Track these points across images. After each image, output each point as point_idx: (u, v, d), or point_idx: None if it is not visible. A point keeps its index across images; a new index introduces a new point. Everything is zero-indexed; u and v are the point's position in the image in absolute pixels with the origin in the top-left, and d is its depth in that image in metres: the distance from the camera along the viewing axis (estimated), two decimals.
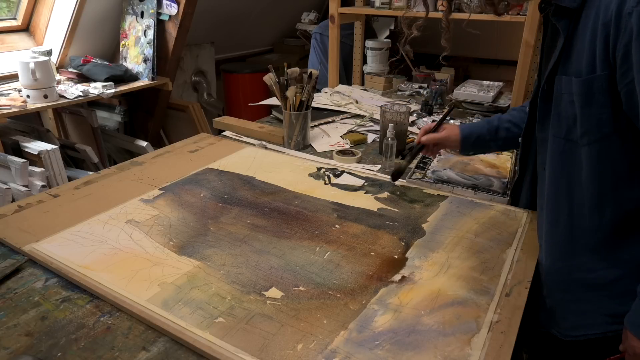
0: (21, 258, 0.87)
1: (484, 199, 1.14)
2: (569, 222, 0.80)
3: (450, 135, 1.14)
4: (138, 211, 1.03)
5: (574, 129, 0.75)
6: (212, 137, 1.54)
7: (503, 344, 0.68)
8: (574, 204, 0.79)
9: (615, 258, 0.77)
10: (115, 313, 0.74)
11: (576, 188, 0.78)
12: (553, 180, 0.82)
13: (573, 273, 0.81)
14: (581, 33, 0.72)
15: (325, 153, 1.44)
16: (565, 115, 0.76)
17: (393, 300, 0.77)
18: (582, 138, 0.74)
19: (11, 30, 2.36)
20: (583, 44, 0.72)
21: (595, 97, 0.71)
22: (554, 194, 0.82)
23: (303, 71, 1.44)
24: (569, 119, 0.75)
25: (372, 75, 2.23)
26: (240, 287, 0.79)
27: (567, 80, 0.74)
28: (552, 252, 0.84)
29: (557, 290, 0.84)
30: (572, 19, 0.74)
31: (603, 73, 0.69)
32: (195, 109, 2.66)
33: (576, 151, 0.76)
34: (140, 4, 2.39)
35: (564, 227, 0.81)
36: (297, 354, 0.66)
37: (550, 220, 0.83)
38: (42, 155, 1.88)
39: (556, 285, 0.84)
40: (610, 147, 0.72)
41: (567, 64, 0.75)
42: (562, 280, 0.83)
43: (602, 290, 0.78)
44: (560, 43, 0.76)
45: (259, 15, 3.50)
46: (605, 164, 0.73)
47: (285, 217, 1.03)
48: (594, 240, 0.78)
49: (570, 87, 0.74)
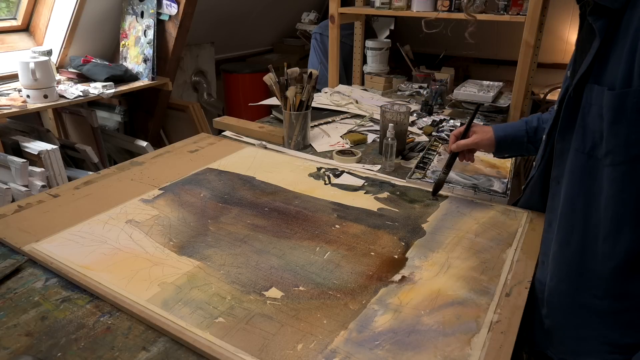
0: (21, 258, 0.87)
1: (484, 199, 1.14)
2: (581, 244, 0.74)
3: (483, 140, 1.07)
4: (138, 211, 1.03)
5: (599, 145, 0.68)
6: (212, 137, 1.54)
7: (503, 344, 0.68)
8: (589, 226, 0.72)
9: (625, 289, 0.71)
10: (115, 313, 0.74)
11: (593, 210, 0.71)
12: (569, 198, 0.75)
13: (578, 297, 0.76)
14: (621, 38, 0.64)
15: (325, 153, 1.44)
16: (592, 129, 0.69)
17: (393, 300, 0.77)
18: (607, 157, 0.67)
19: (11, 30, 2.36)
20: (622, 51, 0.63)
21: (627, 114, 0.63)
22: (569, 212, 0.75)
23: (303, 71, 1.44)
24: (595, 133, 0.68)
25: (372, 75, 2.23)
26: (240, 287, 0.79)
27: (598, 90, 0.67)
28: (559, 273, 0.78)
29: (558, 312, 0.80)
30: (611, 21, 0.65)
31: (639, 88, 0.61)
32: (195, 109, 2.66)
33: (599, 170, 0.69)
34: (140, 4, 2.39)
35: (575, 249, 0.75)
36: (297, 354, 0.66)
37: (561, 240, 0.77)
38: (42, 155, 1.88)
39: (558, 307, 0.79)
40: (636, 171, 0.64)
41: (601, 72, 0.67)
42: (565, 303, 0.78)
43: (605, 318, 0.74)
44: (595, 47, 0.68)
45: (259, 15, 3.50)
46: (628, 189, 0.66)
47: (285, 217, 1.03)
48: (605, 267, 0.71)
49: (601, 99, 0.66)
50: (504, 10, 1.74)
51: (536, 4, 1.60)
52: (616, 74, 0.64)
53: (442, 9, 1.85)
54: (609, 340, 0.74)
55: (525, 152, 1.12)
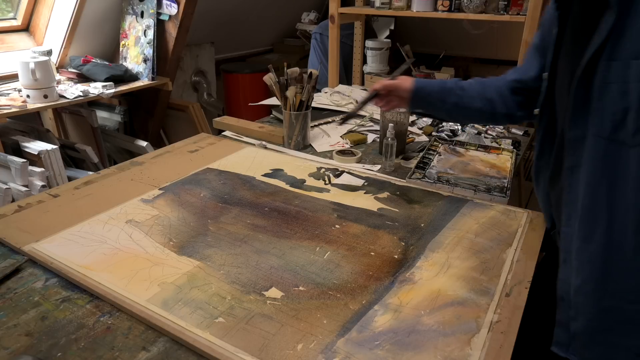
0: (21, 258, 0.87)
1: (484, 199, 1.14)
2: (607, 239, 0.68)
3: (403, 84, 1.08)
4: (138, 211, 1.03)
5: (621, 126, 0.63)
6: (212, 137, 1.54)
7: (503, 344, 0.68)
8: (615, 218, 0.66)
9: None
10: (115, 313, 0.74)
11: (619, 200, 0.65)
12: (591, 189, 0.69)
13: (605, 300, 0.69)
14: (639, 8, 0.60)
15: (325, 153, 1.44)
16: (612, 110, 0.64)
17: (393, 300, 0.77)
18: (636, 136, 0.62)
19: (11, 30, 2.36)
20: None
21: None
22: (591, 204, 0.69)
23: (303, 71, 1.44)
24: (617, 114, 0.63)
25: (372, 75, 2.23)
26: (240, 287, 0.79)
27: (619, 65, 0.61)
28: (583, 272, 0.72)
29: (585, 314, 0.72)
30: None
31: None
32: (195, 109, 2.66)
33: (624, 154, 0.64)
34: (140, 4, 2.39)
35: (599, 245, 0.69)
36: (297, 354, 0.66)
37: (583, 235, 0.71)
38: (42, 155, 1.88)
39: (584, 308, 0.73)
40: None
41: (618, 47, 0.62)
42: (592, 305, 0.71)
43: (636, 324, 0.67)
44: (608, 21, 0.63)
45: (259, 15, 3.50)
46: None
47: (285, 217, 1.03)
48: (635, 264, 0.66)
49: (625, 74, 0.61)
50: (504, 10, 1.74)
51: (536, 4, 1.61)
52: None
53: (442, 9, 1.85)
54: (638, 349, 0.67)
55: (434, 112, 1.11)
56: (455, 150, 1.45)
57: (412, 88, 1.07)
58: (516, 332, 0.71)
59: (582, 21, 0.71)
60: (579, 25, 0.73)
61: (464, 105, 1.04)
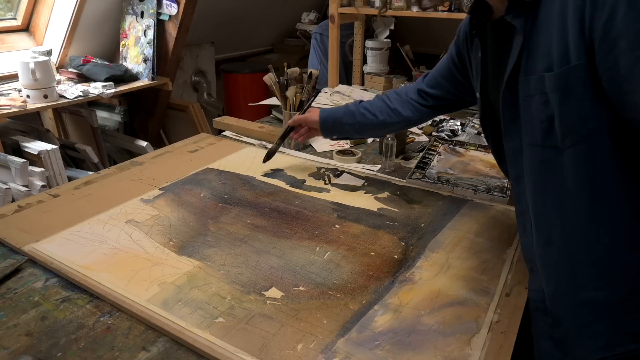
0: (21, 258, 0.87)
1: (484, 199, 1.14)
2: (564, 239, 0.71)
3: (312, 117, 1.19)
4: (138, 211, 1.03)
5: (551, 133, 0.67)
6: (212, 137, 1.54)
7: (503, 344, 0.68)
8: (566, 217, 0.70)
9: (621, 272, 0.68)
10: (115, 313, 0.74)
11: (565, 199, 0.69)
12: (536, 196, 0.73)
13: (579, 294, 0.72)
14: (543, 26, 0.66)
15: (325, 153, 1.44)
16: (539, 119, 0.68)
17: (393, 300, 0.77)
18: (565, 140, 0.66)
19: (11, 30, 2.36)
20: (549, 36, 0.65)
21: (574, 91, 0.63)
22: (541, 210, 0.73)
23: (303, 71, 1.44)
24: (544, 122, 0.68)
25: (372, 75, 2.23)
26: (240, 287, 0.79)
27: (536, 79, 0.67)
28: (551, 276, 0.75)
29: (565, 317, 0.74)
30: (528, 14, 0.67)
31: (579, 62, 0.61)
32: (195, 109, 2.66)
33: (558, 157, 0.68)
34: (140, 4, 2.39)
35: (559, 246, 0.72)
36: (297, 354, 0.66)
37: (542, 241, 0.74)
38: (42, 155, 1.87)
39: (563, 311, 0.74)
40: (598, 145, 0.64)
41: (531, 63, 0.68)
42: (569, 304, 0.73)
43: (613, 308, 0.69)
44: (518, 42, 0.69)
45: (259, 15, 3.50)
46: (595, 166, 0.65)
47: (285, 217, 1.03)
48: (594, 256, 0.69)
49: (542, 86, 0.66)
50: None
51: None
52: (549, 57, 0.65)
53: (442, 9, 1.85)
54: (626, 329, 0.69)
55: (347, 134, 1.20)
56: (455, 150, 1.45)
57: (319, 120, 1.18)
58: (516, 332, 0.71)
59: (496, 44, 0.77)
60: (495, 48, 0.79)
61: (370, 124, 1.12)
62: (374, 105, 1.12)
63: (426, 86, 1.06)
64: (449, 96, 1.03)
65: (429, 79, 1.06)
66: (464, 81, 0.97)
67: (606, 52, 0.58)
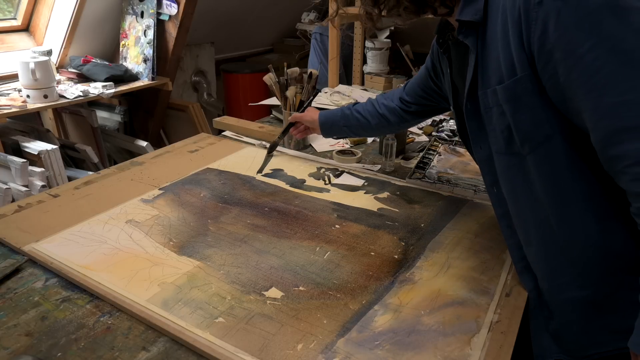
0: (21, 258, 0.87)
1: (484, 199, 1.14)
2: (541, 239, 0.74)
3: (311, 117, 1.25)
4: (138, 211, 1.03)
5: (511, 141, 0.70)
6: (212, 137, 1.54)
7: (503, 344, 0.68)
8: (539, 219, 0.72)
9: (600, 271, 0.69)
10: (115, 313, 0.74)
11: (535, 203, 0.71)
12: (511, 199, 0.77)
13: (564, 293, 0.74)
14: (491, 42, 0.69)
15: (325, 153, 1.44)
16: (501, 128, 0.71)
17: (393, 300, 0.77)
18: (524, 146, 0.69)
19: (11, 30, 2.36)
20: (497, 51, 0.68)
21: (523, 100, 0.66)
22: (517, 211, 0.77)
23: (303, 71, 1.44)
24: (504, 132, 0.71)
25: (372, 75, 2.23)
26: (240, 287, 0.79)
27: (491, 92, 0.70)
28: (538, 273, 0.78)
29: (556, 312, 0.77)
30: (478, 32, 0.71)
31: (524, 74, 0.64)
32: (195, 109, 2.66)
33: (523, 163, 0.71)
34: (140, 4, 2.39)
35: (537, 246, 0.75)
36: (297, 354, 0.66)
37: (523, 242, 0.78)
38: (42, 155, 1.88)
39: (555, 307, 0.77)
40: (556, 149, 0.66)
41: (486, 78, 0.72)
42: (556, 301, 0.76)
43: (600, 305, 0.70)
44: (472, 59, 0.73)
45: (259, 15, 3.50)
46: (557, 169, 0.67)
47: (285, 217, 1.03)
48: (571, 255, 0.71)
49: (496, 98, 0.70)
50: None
51: None
52: (500, 70, 0.68)
53: None
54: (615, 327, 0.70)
55: (345, 135, 1.27)
56: (455, 150, 1.45)
57: (319, 122, 1.24)
58: (516, 332, 0.71)
59: (459, 61, 0.81)
60: (458, 64, 0.82)
61: (364, 126, 1.17)
62: (366, 110, 1.17)
63: (406, 95, 1.11)
64: (428, 103, 1.07)
65: (408, 88, 1.11)
66: (439, 91, 1.02)
67: (545, 63, 0.61)
